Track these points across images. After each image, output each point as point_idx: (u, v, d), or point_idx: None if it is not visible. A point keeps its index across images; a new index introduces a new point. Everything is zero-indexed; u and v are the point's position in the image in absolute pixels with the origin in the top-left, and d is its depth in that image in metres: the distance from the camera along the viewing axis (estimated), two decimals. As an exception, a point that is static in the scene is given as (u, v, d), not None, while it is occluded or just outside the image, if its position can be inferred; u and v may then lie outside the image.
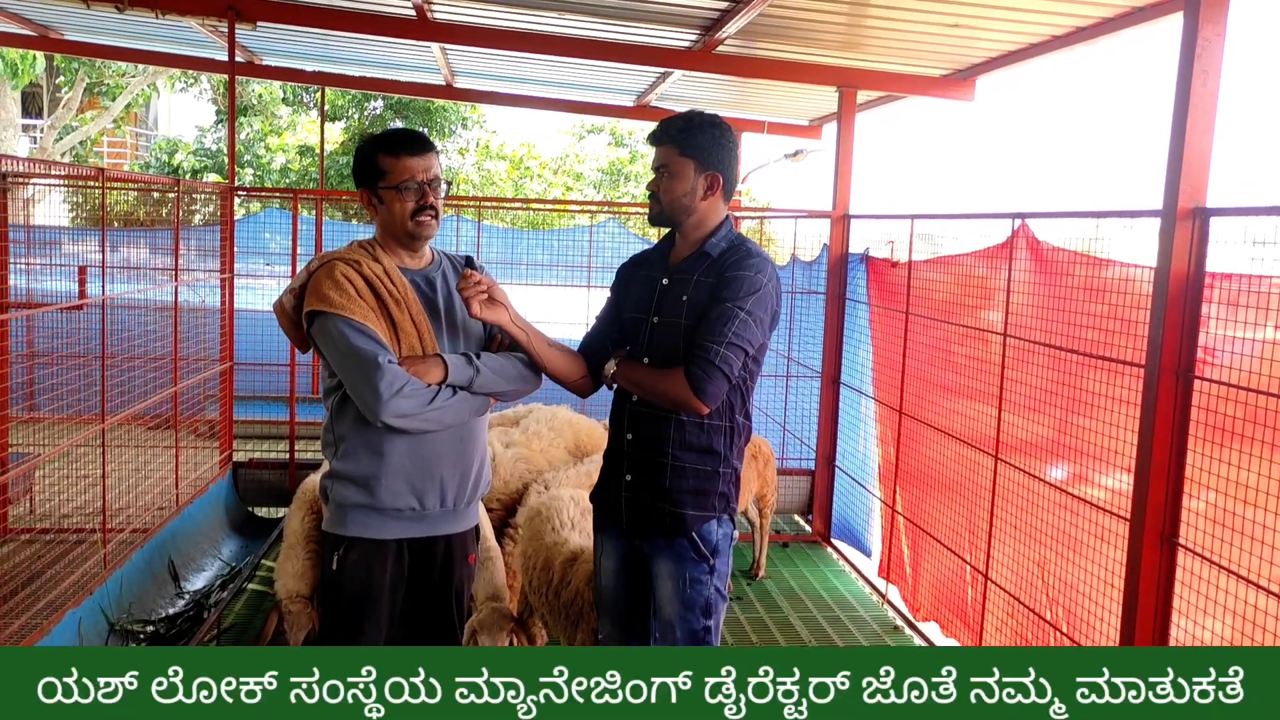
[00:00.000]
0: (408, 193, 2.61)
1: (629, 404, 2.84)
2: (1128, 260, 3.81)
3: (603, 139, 20.35)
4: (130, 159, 19.69)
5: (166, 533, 5.43)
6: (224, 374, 6.45)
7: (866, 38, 5.64)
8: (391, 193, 2.62)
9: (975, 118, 39.23)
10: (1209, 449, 3.30)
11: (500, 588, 3.92)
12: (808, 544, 6.79)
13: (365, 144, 2.69)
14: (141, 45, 8.88)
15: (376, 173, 2.63)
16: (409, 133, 2.69)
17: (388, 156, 2.62)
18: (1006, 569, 4.52)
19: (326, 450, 2.72)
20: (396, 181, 2.61)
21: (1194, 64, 3.32)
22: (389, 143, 2.64)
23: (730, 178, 2.79)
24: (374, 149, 2.65)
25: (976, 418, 4.79)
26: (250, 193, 9.46)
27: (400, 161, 2.61)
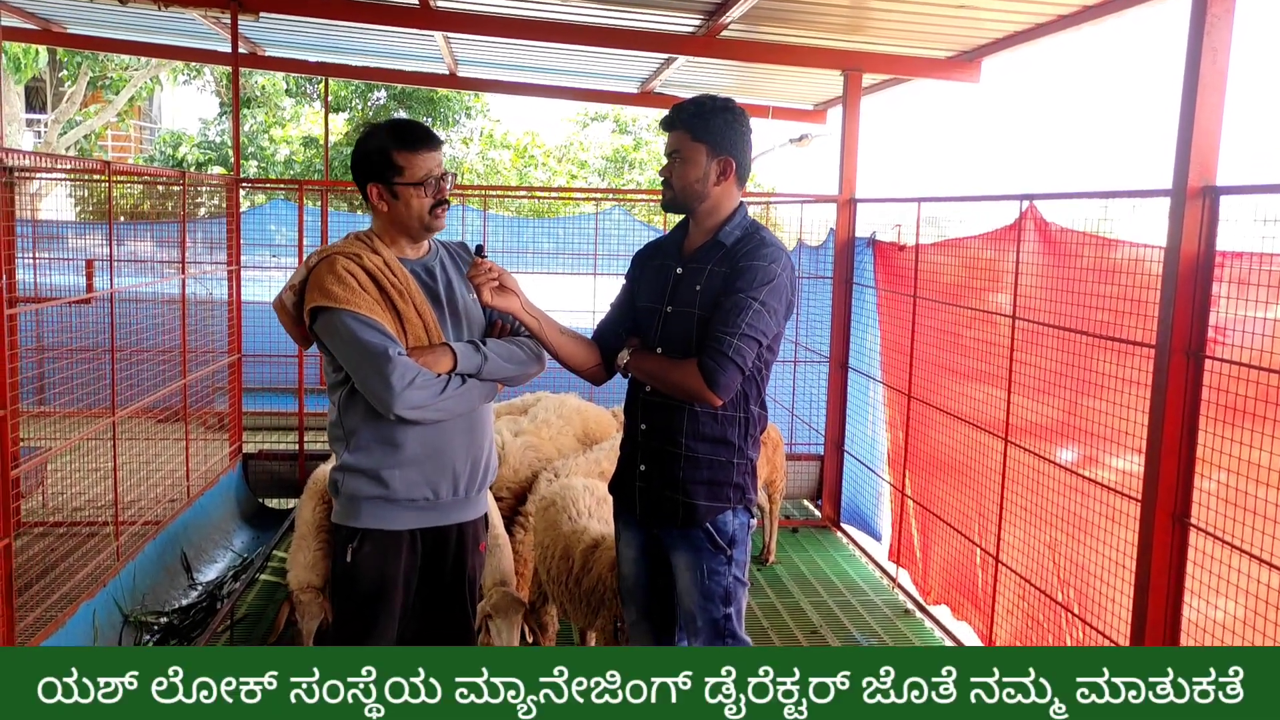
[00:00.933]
0: (427, 188, 2.61)
1: (642, 394, 2.83)
2: (1137, 241, 3.79)
3: (606, 126, 20.29)
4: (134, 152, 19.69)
5: (178, 524, 5.46)
6: (232, 366, 6.46)
7: (871, 20, 5.61)
8: (409, 188, 2.60)
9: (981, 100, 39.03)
10: (1220, 429, 3.29)
11: (508, 573, 3.94)
12: (817, 529, 6.79)
13: (374, 138, 2.65)
14: (144, 38, 8.86)
15: (392, 168, 2.60)
16: (420, 127, 2.68)
17: (405, 152, 2.60)
18: (1017, 551, 4.52)
19: (336, 445, 2.71)
20: (417, 178, 2.60)
21: (1203, 41, 3.29)
22: (404, 137, 2.62)
23: (744, 163, 2.77)
24: (387, 144, 2.61)
25: (986, 401, 4.78)
26: (255, 184, 9.45)
27: (418, 157, 2.60)
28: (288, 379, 7.07)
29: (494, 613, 3.73)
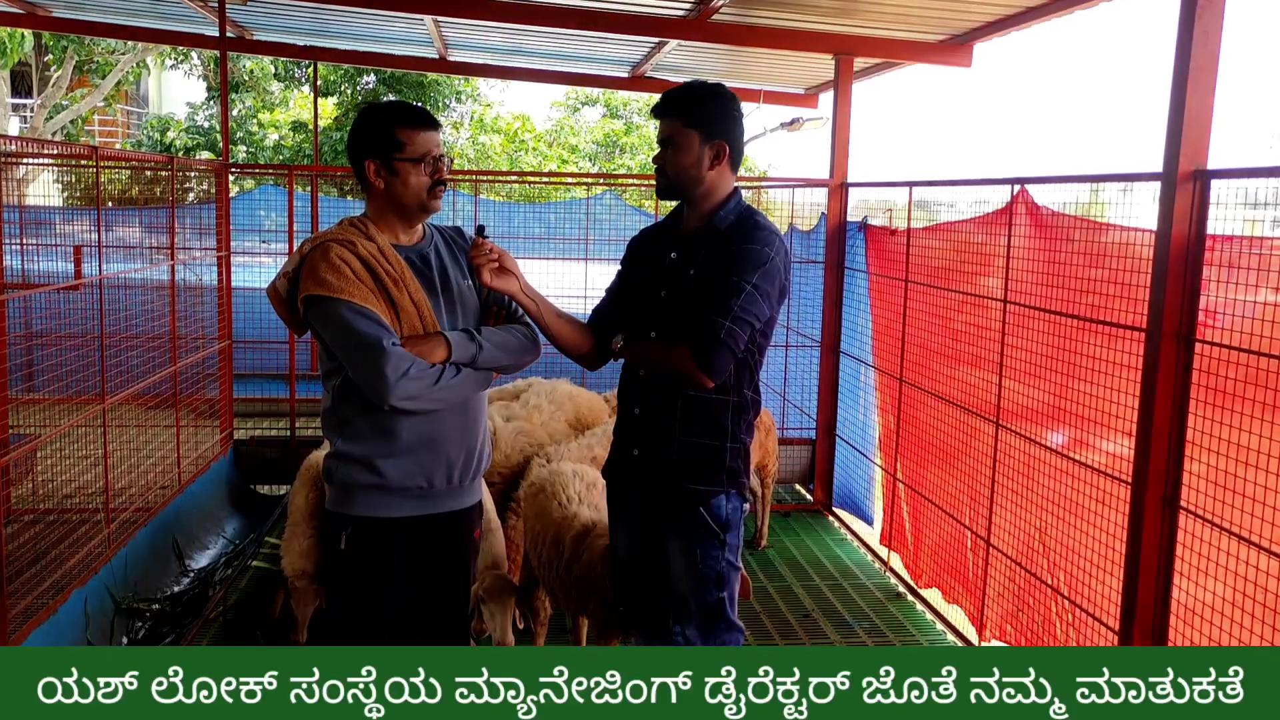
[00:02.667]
0: (427, 166, 2.60)
1: (636, 378, 2.83)
2: (1128, 225, 3.80)
3: (597, 111, 20.21)
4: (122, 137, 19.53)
5: (169, 511, 5.44)
6: (223, 352, 6.44)
7: (863, 4, 5.59)
8: (409, 165, 2.59)
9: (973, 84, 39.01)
10: (1209, 412, 3.30)
11: (500, 556, 3.95)
12: (809, 513, 6.82)
13: (376, 114, 2.64)
14: (131, 22, 8.78)
15: (393, 144, 2.59)
16: (419, 107, 2.68)
17: (407, 129, 2.59)
18: (1008, 534, 4.54)
19: (330, 432, 2.70)
20: (418, 154, 2.59)
21: (1194, 25, 3.29)
22: (406, 115, 2.62)
23: (736, 147, 2.77)
24: (390, 120, 2.61)
25: (977, 384, 4.79)
26: (244, 169, 9.38)
27: (420, 134, 2.60)
28: (279, 365, 7.04)
29: (486, 596, 3.74)
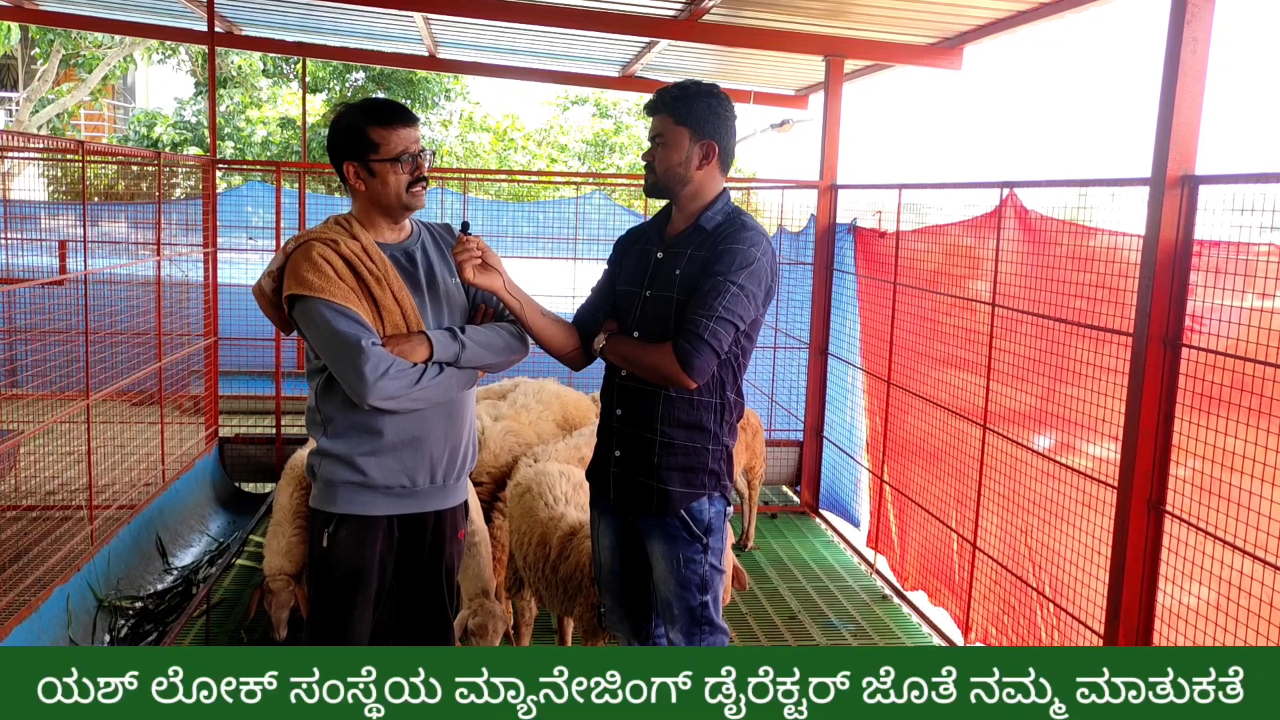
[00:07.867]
0: (404, 165, 2.57)
1: (618, 379, 2.82)
2: (1116, 229, 3.81)
3: (587, 110, 20.19)
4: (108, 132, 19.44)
5: (154, 509, 5.41)
6: (208, 349, 6.40)
7: (854, 6, 5.59)
8: (386, 165, 2.56)
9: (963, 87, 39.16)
10: (1196, 417, 3.31)
11: (488, 580, 3.86)
12: (796, 515, 6.82)
13: (348, 116, 2.61)
14: (119, 15, 8.72)
15: (367, 145, 2.56)
16: (395, 103, 2.64)
17: (380, 128, 2.56)
18: (994, 537, 4.55)
19: (314, 430, 2.69)
20: (393, 153, 2.56)
21: (1183, 30, 3.30)
22: (379, 114, 2.58)
23: (727, 148, 2.75)
24: (362, 121, 2.57)
25: (964, 387, 4.80)
26: (232, 165, 9.33)
27: (394, 133, 2.57)
28: (264, 362, 7.01)
29: (475, 634, 3.68)
